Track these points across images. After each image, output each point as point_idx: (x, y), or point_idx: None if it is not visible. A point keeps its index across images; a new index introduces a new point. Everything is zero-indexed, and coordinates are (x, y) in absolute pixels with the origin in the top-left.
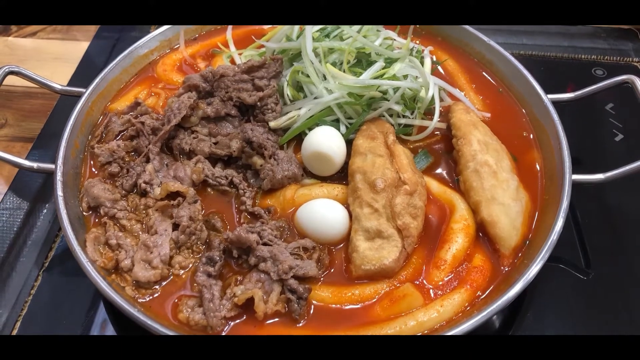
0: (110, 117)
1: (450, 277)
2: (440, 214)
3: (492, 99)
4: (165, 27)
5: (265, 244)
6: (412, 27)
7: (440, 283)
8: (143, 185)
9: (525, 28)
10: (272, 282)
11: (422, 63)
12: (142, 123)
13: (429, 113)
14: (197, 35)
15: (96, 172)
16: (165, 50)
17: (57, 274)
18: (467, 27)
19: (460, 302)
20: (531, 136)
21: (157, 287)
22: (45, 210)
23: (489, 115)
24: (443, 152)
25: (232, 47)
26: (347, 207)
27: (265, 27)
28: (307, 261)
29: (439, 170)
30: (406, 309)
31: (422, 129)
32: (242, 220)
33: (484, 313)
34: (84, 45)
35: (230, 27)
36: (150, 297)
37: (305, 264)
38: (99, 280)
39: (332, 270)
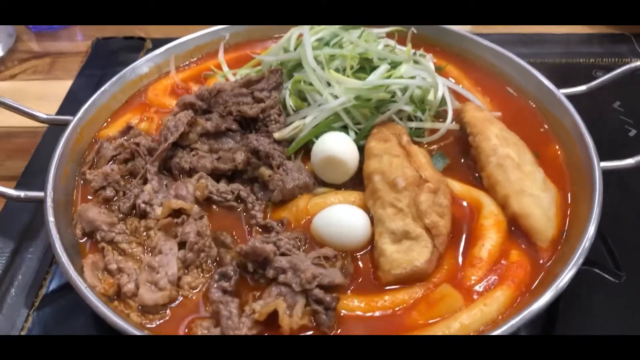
0: (101, 143)
1: (488, 274)
2: (467, 214)
3: (500, 100)
4: (154, 52)
5: (283, 254)
6: (410, 33)
7: (480, 281)
8: (142, 205)
9: (520, 38)
10: (294, 294)
11: None
12: (137, 144)
13: (438, 117)
14: (187, 62)
15: (90, 198)
16: (155, 76)
17: (48, 314)
18: (464, 32)
19: (505, 300)
20: (545, 130)
21: (165, 311)
22: (32, 249)
23: (499, 114)
24: (457, 154)
25: (225, 67)
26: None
27: (258, 50)
28: (331, 269)
29: (456, 172)
30: (446, 312)
31: (433, 131)
32: (253, 235)
33: (534, 307)
34: (67, 85)
35: (221, 49)
36: (159, 322)
37: (329, 272)
38: (101, 306)
39: (360, 280)
